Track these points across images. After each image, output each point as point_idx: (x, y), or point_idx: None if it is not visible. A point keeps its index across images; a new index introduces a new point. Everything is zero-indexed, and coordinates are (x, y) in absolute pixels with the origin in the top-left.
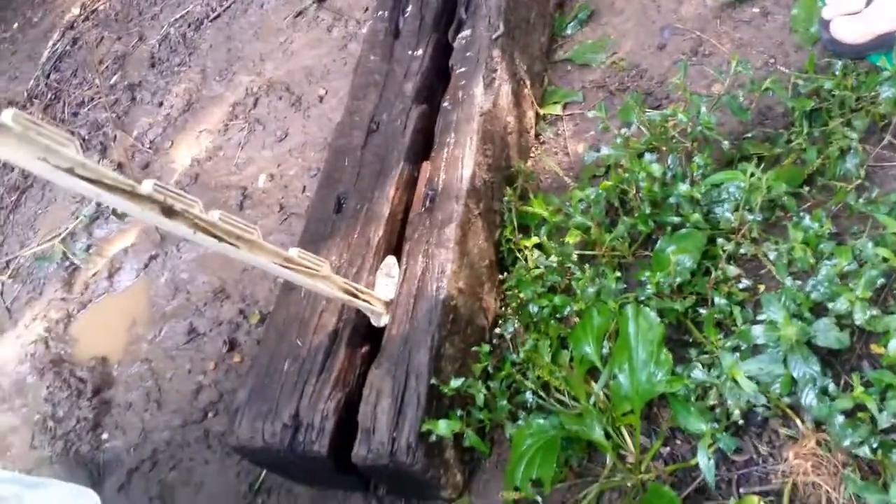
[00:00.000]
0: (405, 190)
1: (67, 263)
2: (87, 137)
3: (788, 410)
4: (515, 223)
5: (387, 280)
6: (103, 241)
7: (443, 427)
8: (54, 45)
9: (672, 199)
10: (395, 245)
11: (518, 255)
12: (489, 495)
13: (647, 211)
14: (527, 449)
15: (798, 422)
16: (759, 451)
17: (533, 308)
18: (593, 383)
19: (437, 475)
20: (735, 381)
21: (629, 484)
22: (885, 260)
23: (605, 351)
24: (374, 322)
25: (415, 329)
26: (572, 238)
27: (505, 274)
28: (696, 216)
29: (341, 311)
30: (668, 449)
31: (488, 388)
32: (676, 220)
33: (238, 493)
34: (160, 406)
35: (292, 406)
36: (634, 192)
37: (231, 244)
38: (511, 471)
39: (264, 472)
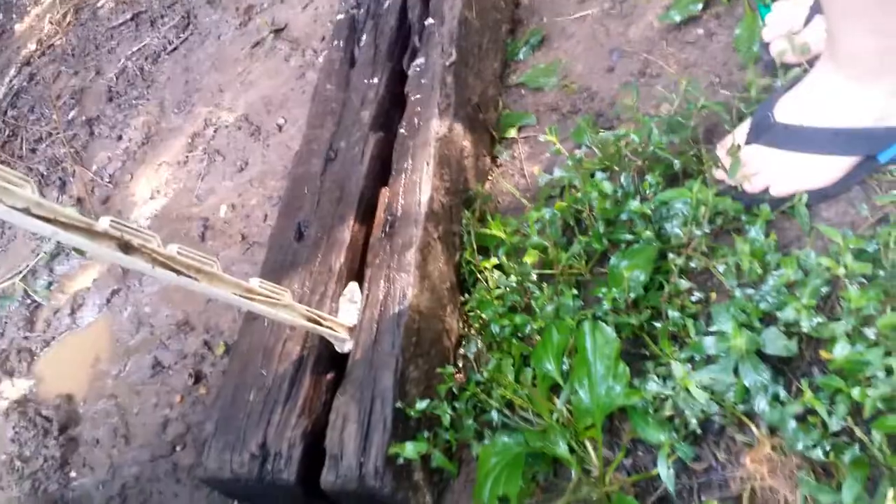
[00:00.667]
0: (365, 216)
1: (29, 301)
2: (45, 174)
3: (744, 418)
4: (475, 245)
5: (349, 306)
6: (65, 277)
7: (409, 449)
8: (10, 81)
9: (624, 217)
10: (357, 271)
11: (478, 276)
12: None
13: (601, 229)
14: (493, 467)
15: (753, 428)
16: (718, 458)
17: (495, 328)
18: (556, 399)
19: (407, 498)
20: (688, 391)
21: (594, 497)
22: (828, 269)
23: (565, 367)
24: (338, 348)
25: (378, 353)
26: (530, 258)
27: (466, 295)
28: (648, 233)
29: (305, 338)
30: (630, 460)
31: (454, 408)
32: (629, 237)
33: None
34: (128, 441)
35: (259, 436)
36: (588, 211)
37: (190, 277)
38: (478, 489)
39: (234, 503)
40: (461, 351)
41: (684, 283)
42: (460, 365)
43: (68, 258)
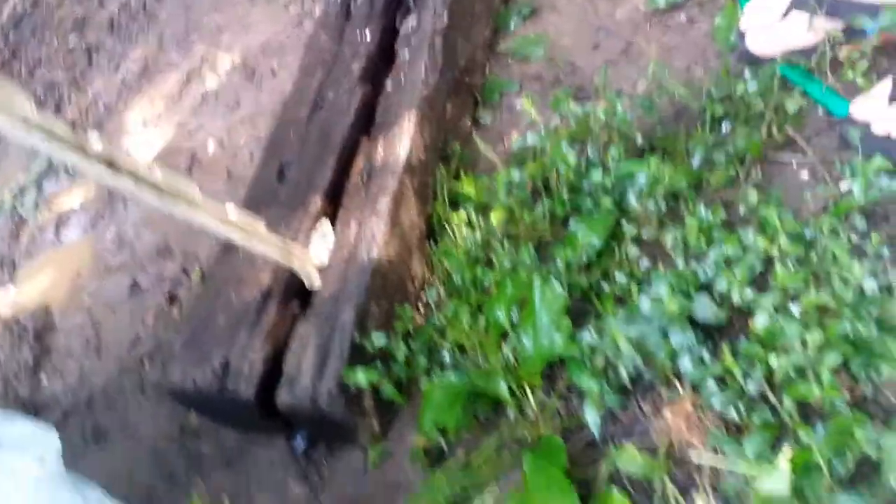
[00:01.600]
0: (345, 164)
1: (16, 217)
2: (42, 97)
3: (672, 376)
4: (447, 199)
5: (321, 243)
6: (53, 196)
7: (361, 376)
8: (14, 4)
9: (586, 186)
10: (332, 214)
11: (447, 228)
12: (404, 442)
13: (565, 195)
14: (436, 399)
15: (679, 386)
16: (644, 411)
17: (456, 278)
18: (504, 346)
19: (356, 422)
20: (617, 345)
21: (528, 437)
22: (764, 249)
23: (514, 317)
24: (306, 284)
25: (344, 290)
26: (497, 216)
27: (434, 245)
28: (607, 201)
29: (276, 271)
30: (564, 407)
31: (409, 346)
32: (590, 204)
33: (169, 436)
34: (99, 354)
35: (222, 355)
36: (555, 177)
37: (170, 201)
38: (421, 418)
39: (194, 417)
40: (423, 297)
41: (634, 251)
42: (421, 312)
43: (58, 178)
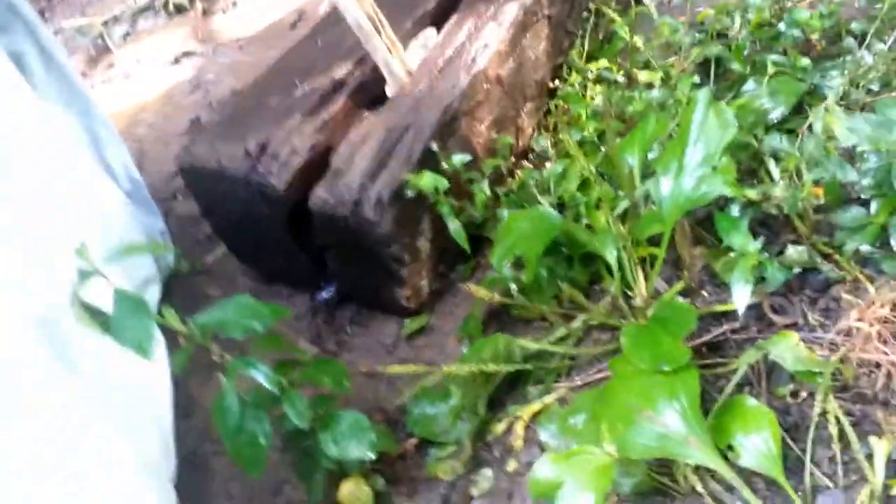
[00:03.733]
0: None
1: (100, 44)
2: None
3: (860, 275)
4: (586, 47)
5: (420, 51)
6: (144, 32)
7: (427, 180)
8: None
9: (782, 27)
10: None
11: (577, 78)
12: (452, 318)
13: (747, 48)
14: (518, 230)
15: (870, 287)
16: (808, 318)
17: (576, 135)
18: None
19: (403, 258)
20: (829, 137)
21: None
22: None
23: (652, 156)
24: (389, 89)
25: (433, 90)
26: (650, 76)
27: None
28: (805, 60)
29: (356, 66)
30: (688, 300)
31: (494, 193)
32: (779, 59)
33: (175, 273)
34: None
35: (264, 135)
36: (738, 24)
37: None
38: (493, 249)
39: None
40: (525, 162)
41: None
42: (520, 165)
43: (155, 15)
